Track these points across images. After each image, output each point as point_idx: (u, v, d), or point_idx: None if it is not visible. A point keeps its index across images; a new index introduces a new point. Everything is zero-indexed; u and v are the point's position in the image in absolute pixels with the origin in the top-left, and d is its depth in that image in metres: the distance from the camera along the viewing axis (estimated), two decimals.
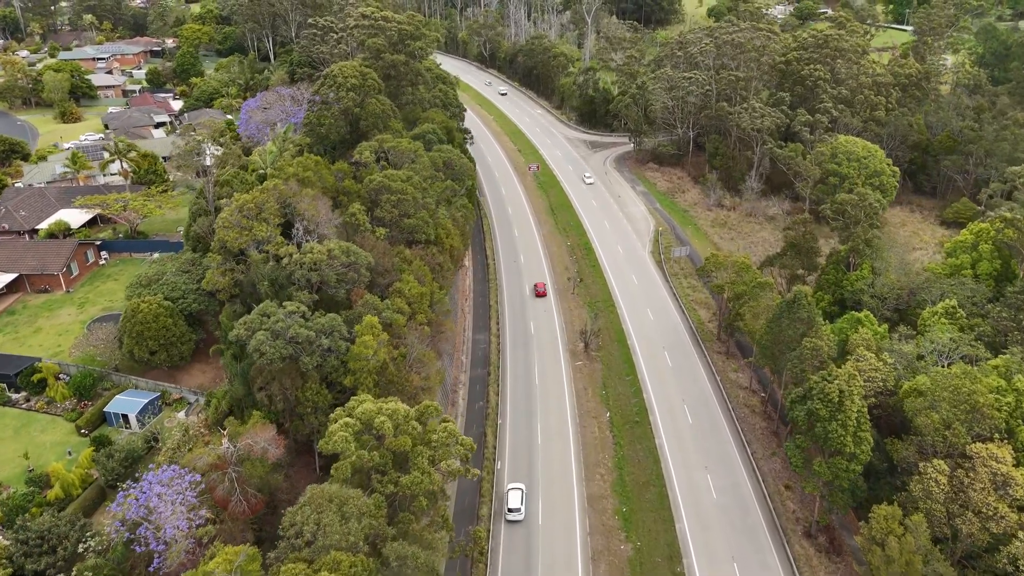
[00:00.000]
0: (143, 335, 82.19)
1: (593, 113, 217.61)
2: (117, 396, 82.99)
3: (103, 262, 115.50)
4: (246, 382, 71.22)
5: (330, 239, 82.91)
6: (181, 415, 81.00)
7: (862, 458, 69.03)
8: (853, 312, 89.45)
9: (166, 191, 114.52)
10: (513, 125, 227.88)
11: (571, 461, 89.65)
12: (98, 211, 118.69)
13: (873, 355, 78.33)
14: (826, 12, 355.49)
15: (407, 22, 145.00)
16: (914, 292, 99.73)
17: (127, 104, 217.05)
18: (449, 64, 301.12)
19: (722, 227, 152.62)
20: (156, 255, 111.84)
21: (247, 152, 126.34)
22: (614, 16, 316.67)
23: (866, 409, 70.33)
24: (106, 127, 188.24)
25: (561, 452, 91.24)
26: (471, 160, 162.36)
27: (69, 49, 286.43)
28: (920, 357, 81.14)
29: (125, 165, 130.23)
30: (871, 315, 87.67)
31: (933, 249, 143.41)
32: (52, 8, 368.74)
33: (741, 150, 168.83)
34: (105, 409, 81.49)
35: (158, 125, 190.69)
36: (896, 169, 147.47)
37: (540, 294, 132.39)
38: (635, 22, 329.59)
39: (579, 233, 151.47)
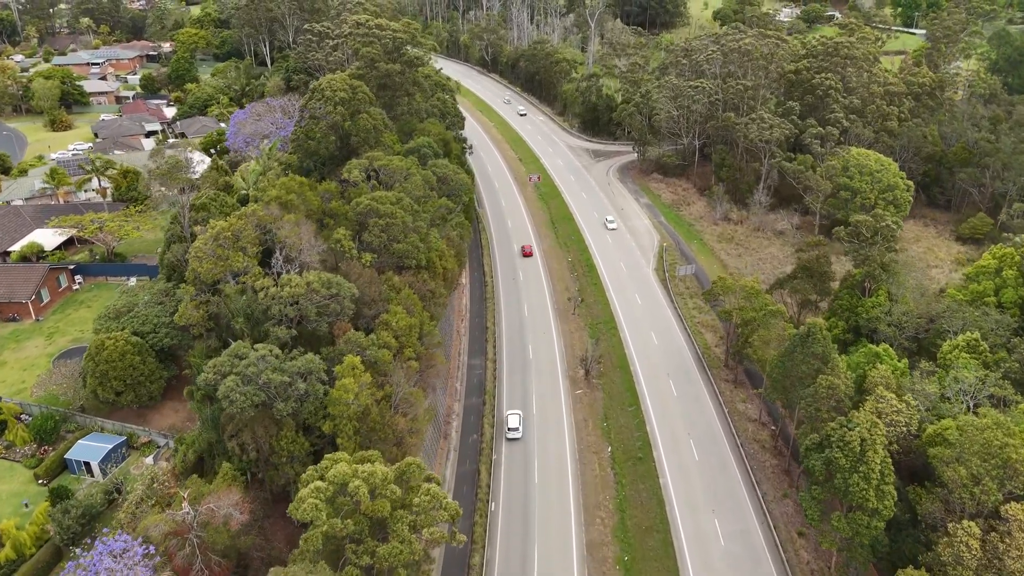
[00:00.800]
0: (107, 375, 76.77)
1: (596, 120, 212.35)
2: (80, 441, 77.31)
3: (77, 287, 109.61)
4: (217, 428, 66.06)
5: (312, 269, 77.67)
6: (149, 460, 75.60)
7: (885, 514, 63.53)
8: (870, 346, 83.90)
9: (145, 211, 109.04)
10: (514, 132, 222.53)
11: (570, 503, 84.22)
12: (73, 233, 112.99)
13: (894, 395, 72.77)
14: (834, 15, 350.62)
15: (402, 30, 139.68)
16: (934, 319, 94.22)
17: (119, 111, 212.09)
18: (450, 68, 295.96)
19: (729, 242, 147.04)
20: (133, 280, 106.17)
21: (234, 166, 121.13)
22: (618, 19, 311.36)
23: (889, 460, 64.83)
24: (96, 136, 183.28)
25: (559, 492, 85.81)
26: (469, 173, 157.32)
27: (64, 54, 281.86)
28: (944, 398, 75.65)
29: (104, 183, 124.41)
30: (890, 349, 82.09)
31: (949, 267, 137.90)
32: (51, 11, 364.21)
33: (748, 161, 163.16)
34: (66, 456, 76.03)
35: (149, 134, 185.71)
36: (910, 183, 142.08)
37: (527, 254, 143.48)
38: (639, 27, 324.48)
39: (580, 248, 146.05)
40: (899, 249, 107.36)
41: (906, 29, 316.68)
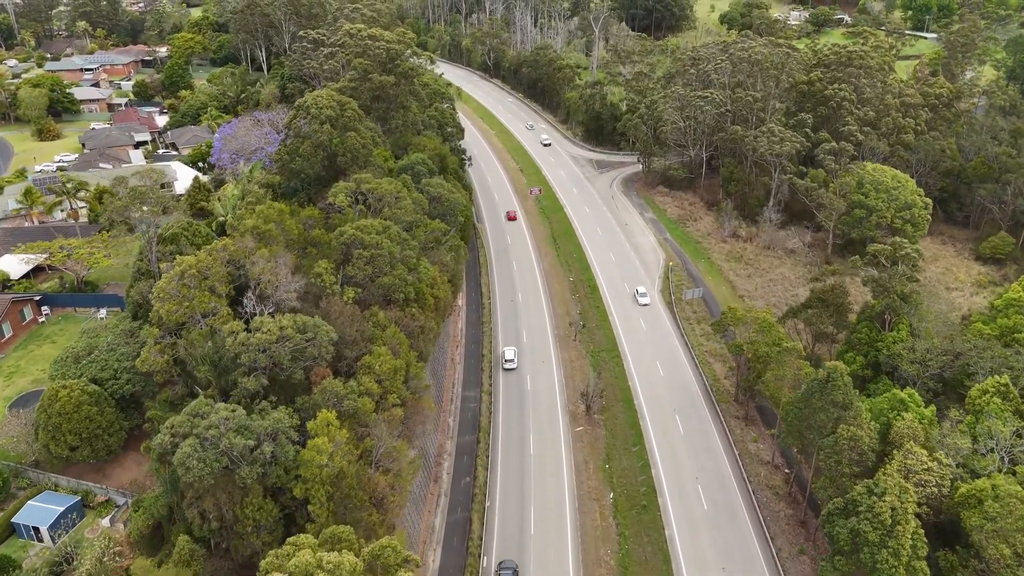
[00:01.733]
0: (61, 428, 70.38)
1: (600, 129, 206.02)
2: (29, 502, 70.85)
3: (43, 319, 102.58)
4: (177, 491, 60.06)
5: (289, 307, 71.68)
6: (105, 522, 69.46)
7: None
8: (895, 390, 77.48)
9: (118, 235, 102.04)
10: (516, 141, 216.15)
11: (568, 559, 77.98)
12: (40, 261, 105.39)
13: (923, 451, 66.48)
14: (843, 18, 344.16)
15: (396, 40, 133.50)
16: (960, 355, 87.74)
17: (111, 120, 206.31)
18: (452, 73, 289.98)
19: (737, 262, 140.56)
20: (103, 312, 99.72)
21: (219, 185, 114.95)
22: (623, 23, 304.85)
23: (922, 531, 58.51)
24: (83, 147, 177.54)
25: (557, 547, 79.53)
26: (467, 189, 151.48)
27: (57, 59, 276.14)
28: (976, 451, 69.28)
29: (77, 205, 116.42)
30: (915, 395, 75.72)
31: (970, 289, 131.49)
32: (51, 13, 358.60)
33: (758, 175, 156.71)
34: (13, 520, 69.86)
35: (138, 145, 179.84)
36: (928, 201, 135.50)
37: (511, 218, 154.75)
38: (645, 30, 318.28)
39: (583, 267, 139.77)
40: (918, 272, 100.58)
41: (917, 33, 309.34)
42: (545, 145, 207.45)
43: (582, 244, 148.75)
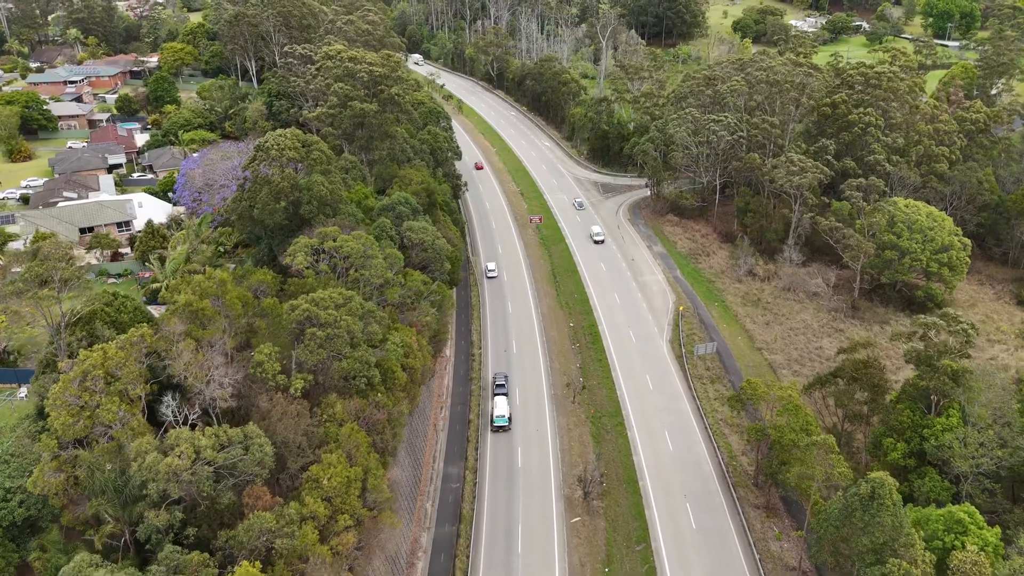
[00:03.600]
0: None
1: (606, 149, 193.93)
2: None
3: None
4: None
5: (217, 412, 59.59)
6: None
7: None
8: (950, 507, 64.74)
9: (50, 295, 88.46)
10: (517, 160, 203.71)
11: None
12: None
13: None
14: (861, 25, 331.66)
15: (380, 64, 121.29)
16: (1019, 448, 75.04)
17: (88, 139, 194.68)
18: (454, 83, 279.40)
19: (754, 306, 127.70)
20: (24, 391, 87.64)
21: (177, 227, 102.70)
22: (633, 31, 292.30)
23: None
24: (53, 170, 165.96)
25: None
26: (458, 224, 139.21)
27: (42, 70, 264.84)
28: None
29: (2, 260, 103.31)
30: (976, 513, 63.00)
31: (1014, 342, 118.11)
32: (48, 19, 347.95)
33: (777, 206, 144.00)
34: None
35: (111, 168, 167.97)
36: (967, 241, 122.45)
37: (479, 167, 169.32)
38: (656, 37, 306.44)
39: (585, 311, 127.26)
40: (971, 347, 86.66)
41: (939, 41, 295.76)
42: (595, 240, 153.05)
43: (584, 283, 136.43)
